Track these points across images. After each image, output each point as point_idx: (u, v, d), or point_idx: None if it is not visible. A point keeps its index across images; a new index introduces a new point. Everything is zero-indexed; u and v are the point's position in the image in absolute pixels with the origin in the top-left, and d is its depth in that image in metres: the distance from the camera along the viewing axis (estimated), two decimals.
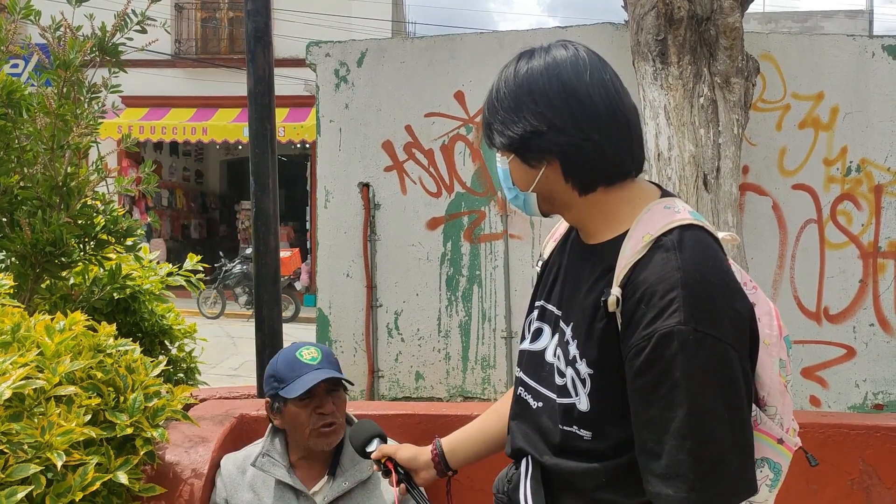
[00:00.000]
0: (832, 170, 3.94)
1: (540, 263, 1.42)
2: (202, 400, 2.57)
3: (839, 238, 3.96)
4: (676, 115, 3.41)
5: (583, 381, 1.20)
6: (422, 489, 1.58)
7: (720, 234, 1.31)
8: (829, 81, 3.93)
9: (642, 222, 1.18)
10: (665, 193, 1.26)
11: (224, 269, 12.76)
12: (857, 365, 3.94)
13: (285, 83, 12.10)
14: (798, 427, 1.28)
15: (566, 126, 1.18)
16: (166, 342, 2.94)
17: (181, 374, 2.95)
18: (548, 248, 1.41)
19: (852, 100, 3.92)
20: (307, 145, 13.67)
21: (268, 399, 2.02)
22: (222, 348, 9.41)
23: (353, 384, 2.07)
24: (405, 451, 1.58)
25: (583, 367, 1.20)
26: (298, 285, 13.56)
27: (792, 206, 3.97)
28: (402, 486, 1.55)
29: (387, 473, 1.58)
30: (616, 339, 1.16)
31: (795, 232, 3.97)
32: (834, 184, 3.95)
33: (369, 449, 1.63)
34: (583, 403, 1.20)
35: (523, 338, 1.39)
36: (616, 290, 1.15)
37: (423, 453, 1.57)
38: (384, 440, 1.65)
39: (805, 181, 3.96)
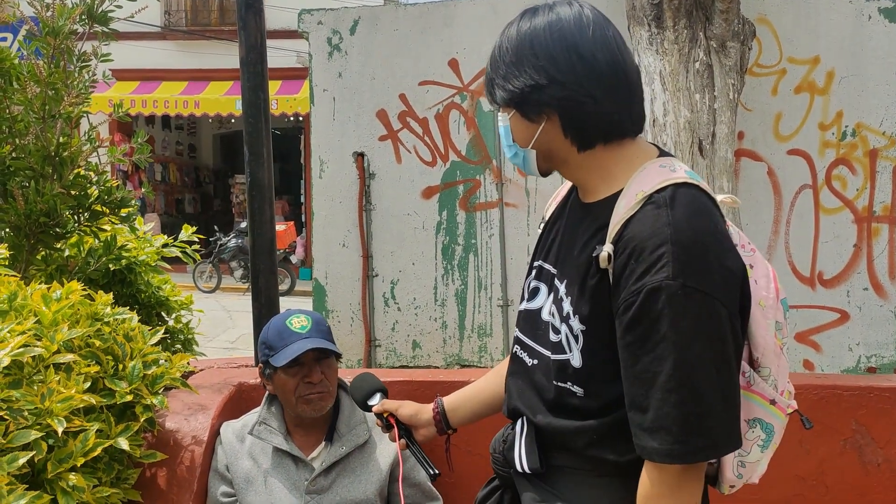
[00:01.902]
0: (827, 134, 3.93)
1: (542, 225, 1.43)
2: (200, 370, 2.58)
3: (834, 203, 3.96)
4: (672, 81, 3.39)
5: (576, 338, 1.22)
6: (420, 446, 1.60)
7: (719, 197, 1.32)
8: (825, 45, 3.90)
9: (637, 180, 1.19)
10: (663, 153, 1.26)
11: (219, 243, 12.73)
12: (850, 329, 3.97)
13: (277, 55, 11.98)
14: (793, 390, 1.29)
15: (567, 81, 1.19)
16: (163, 314, 2.94)
17: (179, 346, 2.96)
18: (550, 210, 1.43)
19: (848, 63, 3.90)
20: (300, 118, 13.57)
21: (260, 365, 2.03)
22: (218, 322, 9.43)
23: (340, 354, 2.08)
24: (407, 408, 1.59)
25: (575, 324, 1.22)
26: (294, 259, 13.55)
27: (787, 172, 3.97)
28: (403, 441, 1.57)
29: (388, 428, 1.59)
30: (608, 295, 1.17)
31: (790, 197, 3.97)
32: (829, 148, 3.94)
33: (371, 403, 1.64)
34: (576, 360, 1.22)
35: (522, 298, 1.41)
36: (608, 247, 1.16)
37: (425, 411, 1.59)
38: (386, 395, 1.66)
39: (800, 146, 3.95)
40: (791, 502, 2.31)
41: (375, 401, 1.64)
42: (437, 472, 1.54)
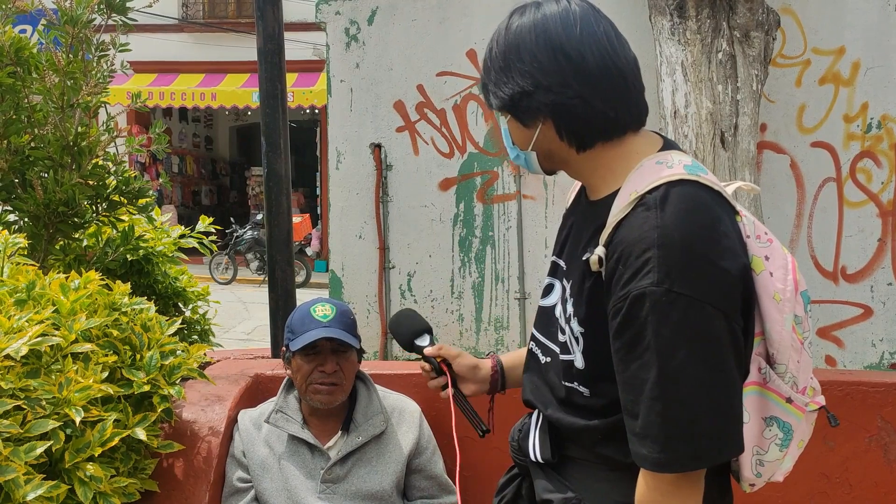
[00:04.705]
0: (852, 126, 3.87)
1: (563, 216, 1.41)
2: (217, 361, 2.58)
3: (858, 196, 3.90)
4: (694, 71, 3.34)
5: (576, 339, 1.21)
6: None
7: (734, 185, 1.28)
8: (850, 35, 3.83)
9: (632, 179, 1.16)
10: (666, 146, 1.23)
11: (235, 234, 12.79)
12: (873, 324, 3.91)
13: (294, 48, 11.98)
14: (818, 386, 1.25)
15: (553, 84, 1.16)
16: (180, 304, 2.94)
17: (195, 336, 2.96)
18: (569, 201, 1.41)
19: (874, 54, 3.82)
20: (316, 111, 13.59)
21: (283, 348, 2.05)
22: (234, 313, 9.47)
23: (362, 350, 2.06)
24: (466, 359, 1.52)
25: (575, 326, 1.21)
26: (309, 251, 13.59)
27: (810, 165, 3.91)
28: (452, 391, 1.48)
29: (438, 373, 1.49)
30: (602, 298, 1.15)
31: (814, 191, 3.91)
32: (854, 141, 3.87)
33: (421, 343, 1.53)
34: (578, 361, 1.21)
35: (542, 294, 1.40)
36: (600, 250, 1.14)
37: (484, 366, 1.53)
38: (433, 337, 1.55)
39: (824, 138, 3.88)
40: (814, 500, 2.27)
41: (426, 342, 1.52)
42: (487, 428, 1.47)
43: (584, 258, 1.17)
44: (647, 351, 1.08)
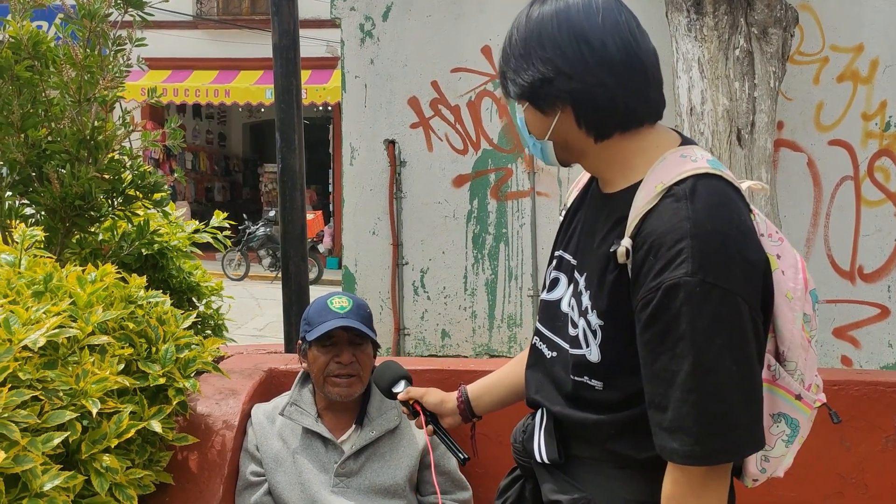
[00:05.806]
0: (870, 125, 3.83)
1: (563, 212, 1.40)
2: (231, 356, 2.59)
3: (876, 195, 3.86)
4: (711, 68, 3.32)
5: (593, 333, 1.20)
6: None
7: (746, 184, 1.28)
8: (869, 33, 3.80)
9: (656, 171, 1.16)
10: (685, 141, 1.22)
11: (248, 231, 12.84)
12: (890, 324, 3.88)
13: (307, 45, 11.99)
14: (821, 383, 1.25)
15: (575, 72, 1.16)
16: (194, 299, 2.95)
17: (209, 331, 2.97)
18: (571, 197, 1.40)
19: (893, 52, 3.79)
20: (329, 108, 13.61)
21: (298, 342, 2.07)
22: (247, 309, 9.49)
23: (378, 344, 2.07)
24: (432, 396, 1.59)
25: (593, 319, 1.19)
26: (321, 248, 13.63)
27: (828, 163, 3.88)
28: (430, 427, 1.57)
29: (414, 415, 1.59)
30: (626, 290, 1.14)
31: (831, 189, 3.88)
32: (872, 139, 3.84)
33: (396, 390, 1.64)
34: (593, 355, 1.20)
35: (543, 288, 1.39)
36: (626, 241, 1.13)
37: (450, 399, 1.58)
38: (410, 382, 1.65)
39: (842, 137, 3.85)
40: (830, 500, 2.26)
41: (400, 388, 1.63)
42: (466, 456, 1.54)
43: (611, 249, 1.16)
44: (679, 342, 1.07)
